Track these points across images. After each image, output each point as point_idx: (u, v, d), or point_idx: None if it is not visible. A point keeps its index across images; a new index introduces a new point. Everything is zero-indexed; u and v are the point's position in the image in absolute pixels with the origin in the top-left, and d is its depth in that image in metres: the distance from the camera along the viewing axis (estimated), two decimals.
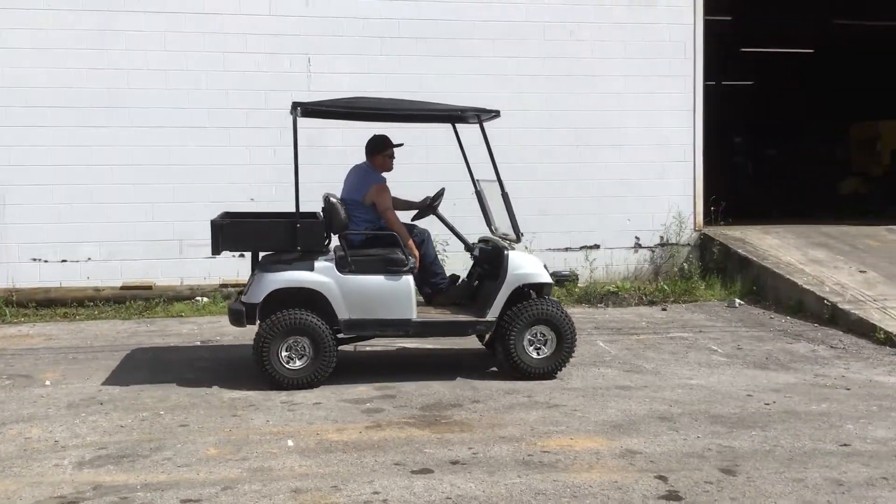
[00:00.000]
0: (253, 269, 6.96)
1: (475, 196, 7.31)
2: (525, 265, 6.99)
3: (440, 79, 11.01)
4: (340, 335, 6.87)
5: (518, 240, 7.04)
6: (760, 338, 8.63)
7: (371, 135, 7.44)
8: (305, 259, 6.69)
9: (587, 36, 11.43)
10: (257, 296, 6.62)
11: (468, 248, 7.49)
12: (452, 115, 7.41)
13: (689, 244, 11.77)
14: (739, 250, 11.14)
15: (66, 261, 10.45)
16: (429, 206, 7.46)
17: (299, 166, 6.86)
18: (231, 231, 6.72)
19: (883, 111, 17.57)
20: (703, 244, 11.78)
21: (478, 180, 7.38)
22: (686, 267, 11.46)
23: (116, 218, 10.51)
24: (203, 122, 10.66)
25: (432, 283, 7.28)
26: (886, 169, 16.95)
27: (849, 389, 6.72)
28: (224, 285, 10.47)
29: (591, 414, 6.00)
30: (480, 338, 7.83)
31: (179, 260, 10.63)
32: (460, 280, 7.54)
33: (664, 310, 10.22)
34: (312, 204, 7.30)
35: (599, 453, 5.19)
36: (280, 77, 10.77)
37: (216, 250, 6.72)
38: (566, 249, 11.37)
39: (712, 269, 11.30)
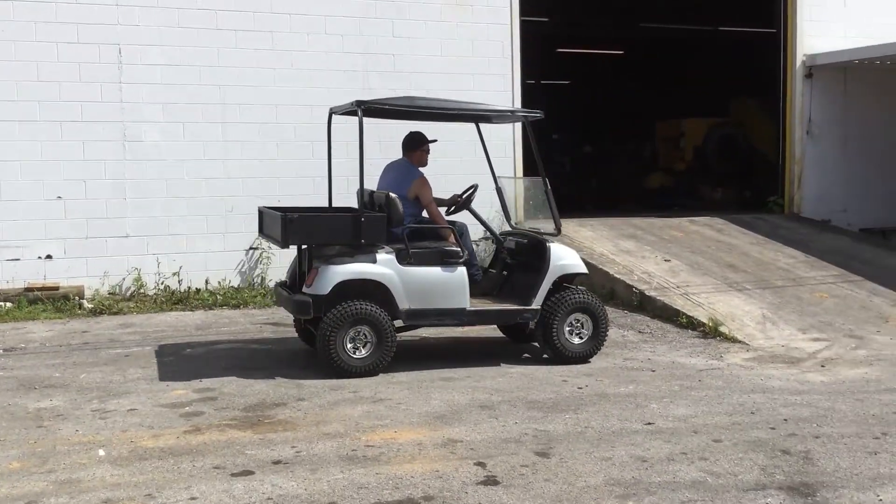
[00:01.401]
0: (310, 263, 7.08)
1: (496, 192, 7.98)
2: (566, 257, 7.49)
3: (258, 72, 10.84)
4: (398, 324, 7.10)
5: (559, 232, 7.53)
6: None
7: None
8: (366, 252, 6.93)
9: (406, 33, 11.53)
10: (324, 287, 6.78)
11: (498, 241, 7.97)
12: (503, 116, 7.76)
13: None
14: None
15: None
16: (464, 202, 7.81)
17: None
18: (300, 225, 6.89)
19: (686, 110, 18.81)
20: None
21: (498, 177, 7.97)
22: None
23: None
24: None
25: (469, 274, 7.36)
26: (689, 164, 18.17)
27: (654, 371, 7.17)
28: (30, 289, 9.83)
29: (415, 406, 6.09)
30: (508, 331, 8.20)
31: None
32: (487, 272, 7.91)
33: None
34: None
35: (422, 444, 5.27)
36: (89, 68, 10.20)
37: (286, 244, 7.00)
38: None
39: None
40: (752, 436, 5.47)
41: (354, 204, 7.99)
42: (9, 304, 9.65)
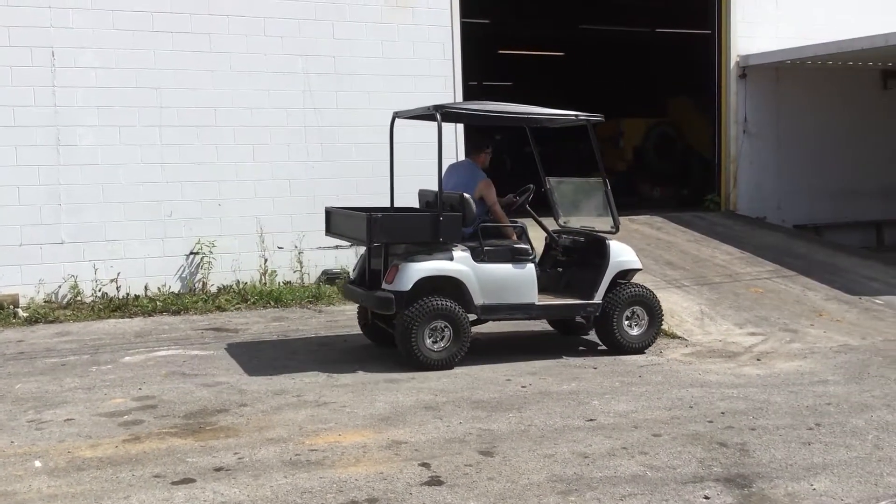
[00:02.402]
0: (387, 260, 7.37)
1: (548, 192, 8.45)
2: (623, 253, 7.85)
3: (196, 75, 10.69)
4: (472, 319, 7.35)
5: (617, 230, 7.86)
6: (516, 325, 9.09)
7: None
8: (443, 250, 7.21)
9: (346, 34, 11.48)
10: (405, 284, 7.04)
11: (553, 239, 8.28)
12: (566, 120, 8.03)
13: None
14: None
15: None
16: (521, 204, 8.14)
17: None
18: (384, 224, 7.16)
19: (625, 110, 19.08)
20: None
21: (548, 178, 8.41)
22: None
23: None
24: None
25: None
26: (629, 164, 18.44)
27: (596, 368, 7.27)
28: None
29: (359, 409, 6.08)
30: (557, 324, 8.58)
31: None
32: (544, 270, 8.11)
33: None
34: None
35: (367, 447, 5.27)
36: (20, 71, 9.94)
37: (370, 241, 7.31)
38: (336, 248, 11.37)
39: None
40: (690, 429, 5.58)
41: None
42: None
